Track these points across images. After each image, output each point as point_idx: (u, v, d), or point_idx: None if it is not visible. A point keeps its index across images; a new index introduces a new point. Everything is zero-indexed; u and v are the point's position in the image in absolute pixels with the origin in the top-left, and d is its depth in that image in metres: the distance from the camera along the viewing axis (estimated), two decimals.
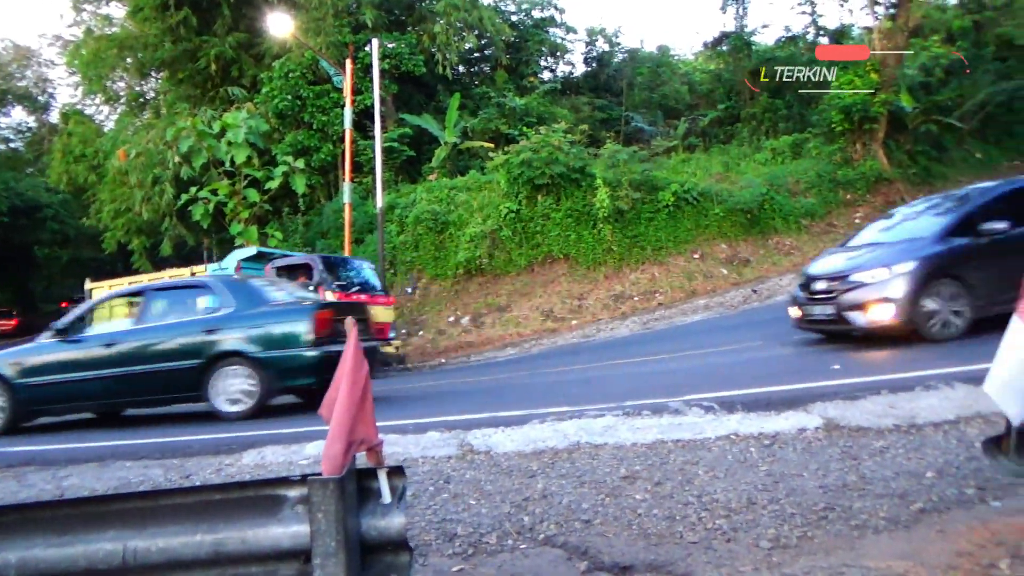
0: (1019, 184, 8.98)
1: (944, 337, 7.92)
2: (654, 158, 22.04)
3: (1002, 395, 2.66)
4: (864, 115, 20.32)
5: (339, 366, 2.47)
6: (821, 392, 6.14)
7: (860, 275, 8.35)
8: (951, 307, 8.04)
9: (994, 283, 7.88)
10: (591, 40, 33.68)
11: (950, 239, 8.33)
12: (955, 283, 8.05)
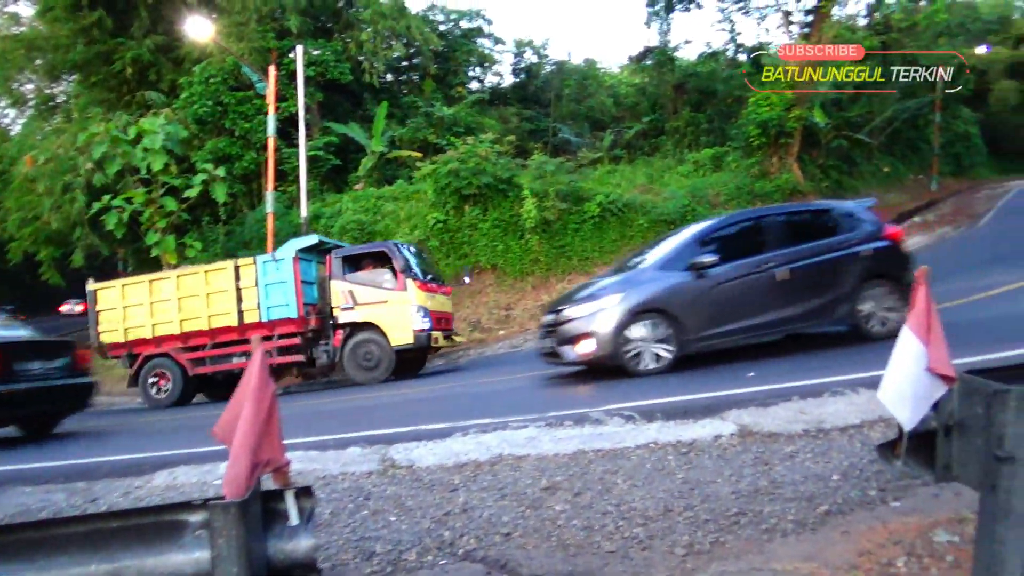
0: (731, 219, 9.30)
1: (648, 372, 8.05)
2: (580, 169, 22.38)
3: (894, 402, 2.80)
4: (780, 130, 21.16)
5: (241, 385, 2.41)
6: (736, 399, 6.33)
7: (571, 309, 8.48)
8: (656, 341, 8.11)
9: (704, 317, 8.13)
10: (519, 52, 34.04)
11: (662, 272, 8.47)
12: (661, 317, 8.10)
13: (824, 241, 8.57)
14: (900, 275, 8.49)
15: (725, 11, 24.27)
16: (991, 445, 2.68)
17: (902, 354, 2.78)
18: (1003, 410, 2.64)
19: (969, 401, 2.80)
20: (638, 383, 8.15)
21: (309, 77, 21.48)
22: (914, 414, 2.74)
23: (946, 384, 2.68)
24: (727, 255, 8.34)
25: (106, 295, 13.24)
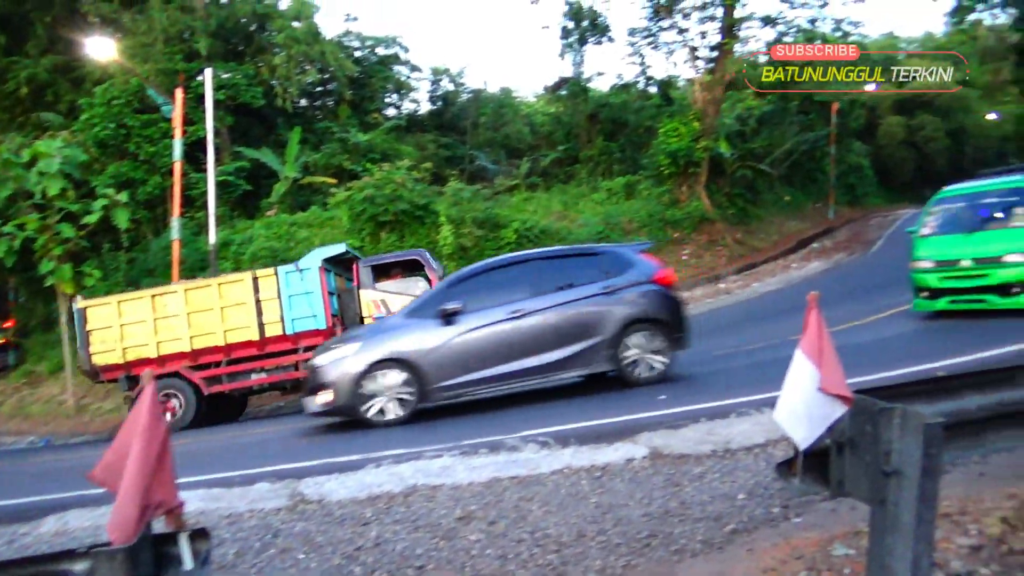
0: (488, 264, 9.16)
1: (385, 422, 7.80)
2: (497, 196, 22.56)
3: (789, 422, 2.91)
4: (688, 160, 21.92)
5: (128, 423, 2.28)
6: (648, 422, 6.45)
7: (318, 357, 8.29)
8: (395, 392, 7.85)
9: (449, 367, 7.92)
10: (436, 79, 34.19)
11: (409, 320, 8.29)
12: (402, 367, 7.85)
13: (586, 285, 8.37)
14: (668, 319, 8.45)
15: (635, 45, 25.03)
16: (879, 461, 2.82)
17: (795, 376, 2.90)
18: (889, 427, 2.79)
19: (859, 419, 2.94)
20: (561, 407, 8.21)
21: (219, 100, 20.91)
22: (809, 434, 2.85)
23: (844, 404, 2.80)
24: (480, 301, 8.15)
25: (98, 313, 12.19)
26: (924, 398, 3.26)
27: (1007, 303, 9.88)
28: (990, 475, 4.65)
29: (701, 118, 22.46)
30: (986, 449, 3.79)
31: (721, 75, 22.62)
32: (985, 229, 10.44)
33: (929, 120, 45.37)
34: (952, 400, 3.35)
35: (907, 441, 2.70)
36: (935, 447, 2.62)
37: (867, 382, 4.94)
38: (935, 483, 2.68)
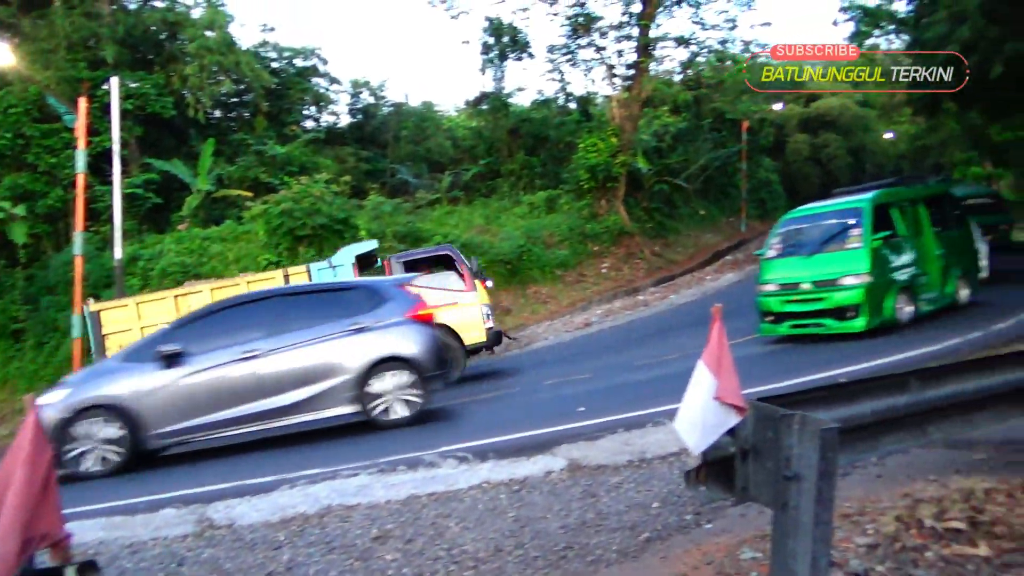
0: (221, 304, 8.80)
1: (98, 474, 7.29)
2: (418, 210, 22.44)
3: (685, 429, 2.99)
4: (607, 175, 22.36)
5: (11, 452, 2.14)
6: (567, 435, 6.52)
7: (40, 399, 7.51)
8: (111, 440, 7.35)
9: (169, 412, 7.48)
10: (356, 92, 33.73)
11: (126, 363, 7.83)
12: (112, 413, 7.36)
13: (331, 323, 7.95)
14: (422, 357, 8.04)
15: (554, 62, 25.39)
16: (780, 466, 2.92)
17: (696, 385, 2.98)
18: (789, 433, 2.89)
19: (761, 427, 3.04)
20: (483, 421, 8.19)
21: (127, 110, 20.07)
22: (702, 440, 2.93)
23: (738, 414, 2.88)
24: (210, 342, 7.71)
25: (113, 316, 11.66)
26: (823, 405, 3.41)
27: (843, 327, 9.96)
28: (887, 476, 4.88)
29: (619, 134, 22.96)
30: (881, 451, 4.00)
31: (638, 92, 23.21)
32: (824, 251, 10.46)
33: (832, 138, 47.72)
34: (849, 406, 3.52)
35: (805, 446, 2.80)
36: (831, 451, 2.73)
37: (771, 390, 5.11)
38: (831, 486, 2.79)
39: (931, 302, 10.94)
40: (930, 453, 5.14)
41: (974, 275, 12.25)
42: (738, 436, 3.09)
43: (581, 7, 23.83)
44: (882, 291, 10.15)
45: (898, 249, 10.65)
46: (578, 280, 20.77)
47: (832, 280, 10.05)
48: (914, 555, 3.52)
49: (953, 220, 12.16)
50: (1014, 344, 8.00)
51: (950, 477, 4.51)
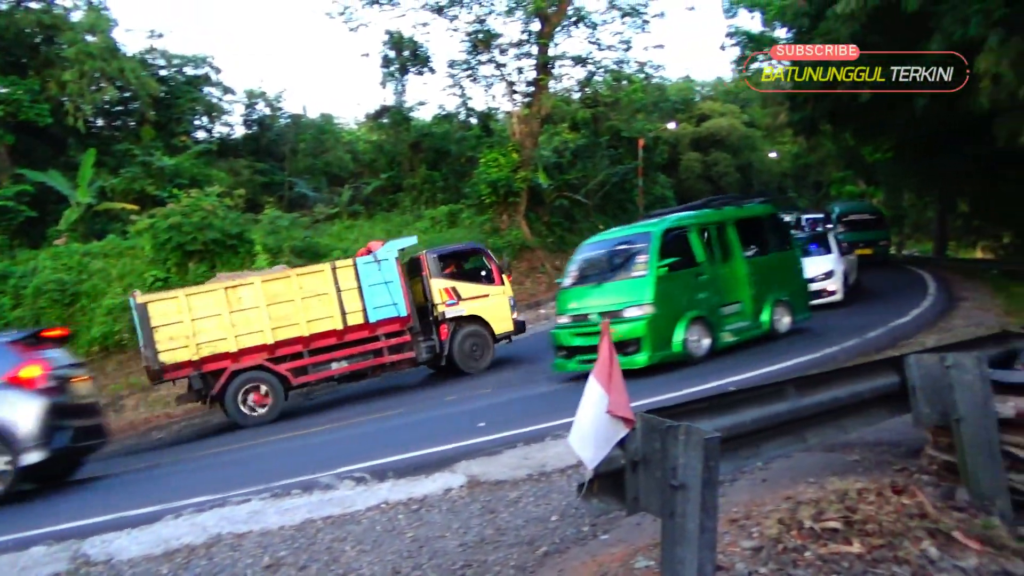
0: None
1: None
2: (317, 224, 21.96)
3: (579, 444, 3.04)
4: (508, 190, 22.60)
5: None
6: (467, 450, 6.49)
7: None
8: None
9: None
10: (251, 102, 32.75)
11: None
12: None
13: None
14: (17, 429, 7.07)
15: (455, 77, 25.52)
16: (667, 476, 3.00)
17: (587, 400, 3.04)
18: (675, 444, 2.98)
19: (649, 438, 3.12)
20: (382, 440, 8.04)
21: None
22: (596, 454, 2.98)
23: (627, 426, 2.95)
24: None
25: (162, 309, 11.34)
26: (707, 415, 3.53)
27: (625, 363, 8.18)
28: (771, 480, 5.11)
29: (520, 149, 23.27)
30: (764, 458, 4.19)
31: (537, 109, 23.60)
32: (612, 280, 9.90)
33: (722, 156, 50.00)
34: (732, 415, 3.66)
35: (690, 456, 2.90)
36: (713, 460, 2.84)
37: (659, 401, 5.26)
38: (715, 494, 2.89)
39: (738, 332, 10.33)
40: (810, 456, 5.42)
41: (799, 301, 11.61)
42: (628, 448, 3.16)
43: (481, 24, 24.09)
44: (669, 323, 9.47)
45: (692, 277, 10.02)
46: None
47: (616, 311, 9.37)
48: (794, 555, 3.69)
49: (776, 243, 11.67)
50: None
51: (828, 479, 4.76)
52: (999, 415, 3.95)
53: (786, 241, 12.08)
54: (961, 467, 4.04)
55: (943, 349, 4.73)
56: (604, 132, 31.69)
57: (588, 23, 24.06)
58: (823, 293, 13.93)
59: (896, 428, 5.16)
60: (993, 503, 3.88)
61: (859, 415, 4.31)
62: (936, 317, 12.16)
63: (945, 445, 4.31)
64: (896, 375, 4.36)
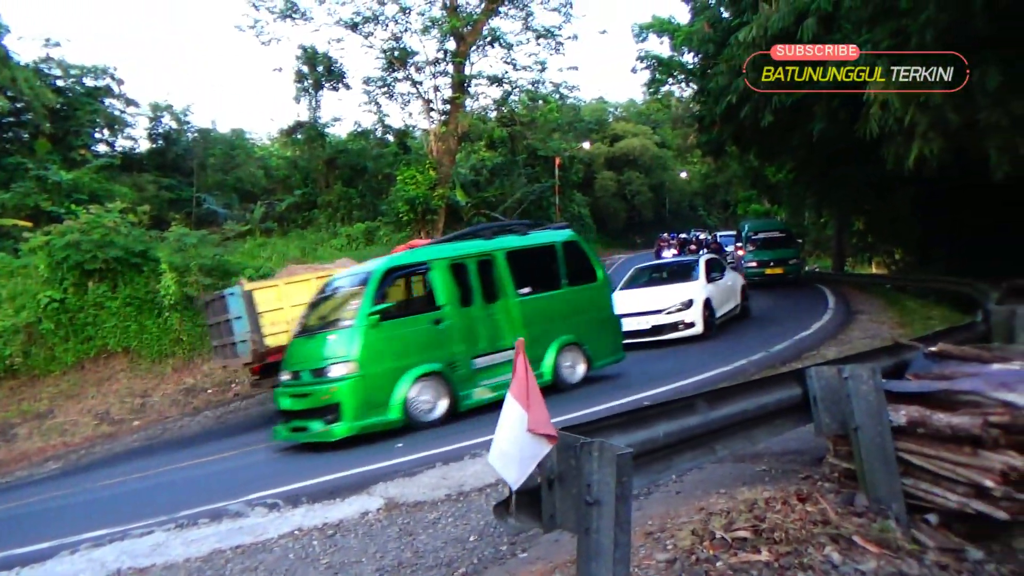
0: None
1: None
2: (227, 242, 21.25)
3: (502, 464, 3.03)
4: (426, 207, 22.56)
5: None
6: (385, 472, 6.37)
7: None
8: None
9: None
10: (157, 116, 31.52)
11: None
12: None
13: None
14: None
15: (371, 94, 25.35)
16: (583, 492, 3.02)
17: (507, 419, 3.03)
18: (589, 460, 3.01)
19: (565, 455, 3.14)
20: (296, 463, 7.80)
21: None
22: (520, 473, 2.98)
23: (549, 442, 2.96)
24: None
25: (265, 296, 11.40)
26: (620, 430, 3.58)
27: (322, 434, 7.85)
28: (685, 492, 5.23)
29: (437, 167, 23.29)
30: (676, 471, 4.28)
31: (454, 127, 23.70)
32: (324, 331, 8.42)
33: (635, 176, 51.44)
34: (646, 430, 3.72)
35: (604, 472, 2.93)
36: (627, 475, 2.88)
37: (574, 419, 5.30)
38: (628, 508, 2.93)
39: (498, 388, 8.64)
40: (722, 467, 5.58)
41: (602, 342, 10.11)
42: (544, 466, 3.17)
43: (397, 41, 24.06)
44: (384, 382, 7.99)
45: (428, 324, 8.50)
46: None
47: (320, 370, 8.03)
48: (707, 566, 3.78)
49: (573, 276, 10.02)
50: None
51: (738, 489, 4.91)
52: (893, 423, 4.17)
53: (587, 273, 10.21)
54: (859, 474, 4.24)
55: (841, 361, 4.96)
56: (521, 151, 32.14)
57: (503, 43, 24.39)
58: (679, 326, 12.67)
59: (801, 437, 5.38)
60: (889, 507, 4.08)
61: (766, 426, 4.46)
62: (836, 330, 12.79)
63: (845, 453, 4.52)
64: (799, 387, 4.54)
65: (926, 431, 4.07)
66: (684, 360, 10.75)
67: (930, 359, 5.43)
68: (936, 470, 4.03)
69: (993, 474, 3.73)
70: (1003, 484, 3.73)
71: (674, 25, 29.29)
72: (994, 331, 7.12)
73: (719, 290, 13.99)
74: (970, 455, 3.86)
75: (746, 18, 14.54)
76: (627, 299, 13.04)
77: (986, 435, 3.75)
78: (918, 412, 4.14)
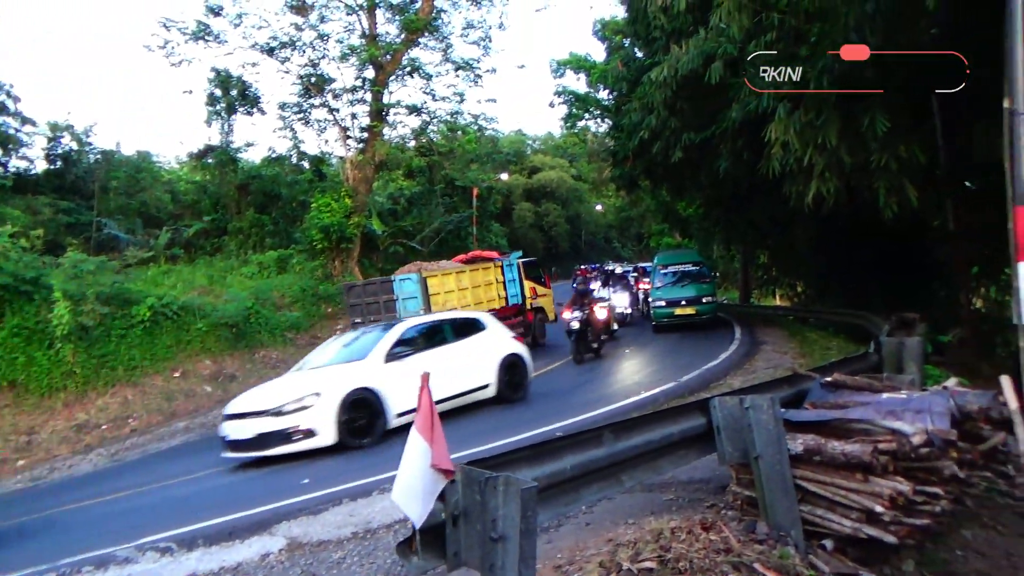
0: None
1: None
2: (129, 269, 20.25)
3: (405, 500, 2.95)
4: (341, 235, 22.18)
5: None
6: (288, 510, 6.13)
7: None
8: None
9: None
10: (55, 135, 29.95)
11: None
12: None
13: None
14: None
15: (287, 120, 24.87)
16: (487, 528, 2.98)
17: (410, 453, 2.96)
18: (494, 495, 2.97)
19: (470, 491, 3.09)
20: (194, 501, 7.41)
21: None
22: (424, 509, 2.91)
23: (446, 477, 2.91)
24: None
25: (433, 282, 15.95)
26: (528, 463, 3.56)
27: None
28: (594, 524, 5.24)
29: (353, 195, 22.99)
30: (584, 502, 4.28)
31: (372, 155, 23.50)
32: None
33: (552, 207, 52.24)
34: (553, 463, 3.72)
35: (509, 507, 2.90)
36: (531, 510, 2.85)
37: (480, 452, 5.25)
38: (533, 543, 2.90)
39: None
40: (631, 498, 5.63)
41: None
42: (448, 501, 3.11)
43: (314, 68, 23.78)
44: None
45: None
46: (311, 343, 20.03)
47: None
48: None
49: None
50: None
51: (646, 519, 4.96)
52: (791, 452, 4.30)
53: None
54: (760, 502, 4.35)
55: (743, 392, 5.11)
56: (439, 180, 32.12)
57: (423, 74, 24.46)
58: (292, 434, 8.52)
59: (707, 466, 5.49)
60: (789, 534, 4.20)
61: (671, 456, 4.53)
62: (742, 360, 13.22)
63: (747, 481, 4.63)
64: (703, 417, 4.65)
65: (822, 459, 4.22)
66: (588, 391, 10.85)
67: (826, 389, 5.68)
68: (831, 496, 4.18)
69: (883, 499, 3.90)
70: (891, 509, 3.90)
71: (590, 63, 30.16)
72: (885, 361, 7.51)
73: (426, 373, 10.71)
74: (862, 481, 4.02)
75: (658, 58, 15.06)
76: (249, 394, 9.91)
77: (875, 462, 3.92)
78: (814, 440, 4.30)
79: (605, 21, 28.88)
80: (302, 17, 23.22)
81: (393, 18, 24.34)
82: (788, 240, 21.04)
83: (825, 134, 10.00)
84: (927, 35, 9.31)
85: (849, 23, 8.87)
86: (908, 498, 3.92)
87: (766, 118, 11.11)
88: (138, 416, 14.69)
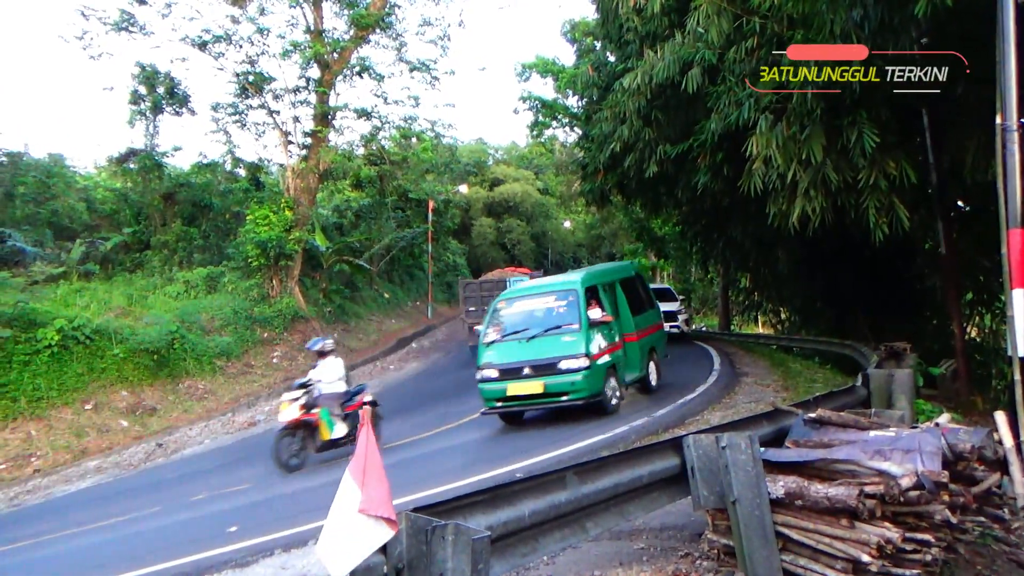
0: None
1: None
2: (35, 287, 19.74)
3: (327, 553, 2.87)
4: (280, 251, 21.93)
5: None
6: (213, 562, 5.99)
7: None
8: None
9: None
10: None
11: None
12: None
13: None
14: None
15: (220, 121, 24.62)
16: None
17: (340, 500, 2.90)
18: (443, 546, 2.92)
19: (415, 540, 3.04)
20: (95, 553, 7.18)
21: None
22: (346, 562, 2.83)
23: (389, 527, 2.85)
24: None
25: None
26: (483, 509, 3.52)
27: None
28: (556, 575, 5.20)
29: (294, 207, 22.82)
30: (544, 552, 4.23)
31: (316, 163, 23.38)
32: None
33: (516, 223, 52.37)
34: (509, 509, 3.68)
35: (459, 559, 2.86)
36: (483, 563, 2.82)
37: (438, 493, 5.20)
38: None
39: None
40: (597, 546, 5.61)
41: None
42: (391, 553, 3.05)
43: (252, 65, 23.64)
44: None
45: None
46: (244, 371, 19.77)
47: None
48: None
49: None
50: None
51: (613, 571, 4.94)
52: (771, 495, 4.33)
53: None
54: (738, 551, 4.36)
55: (719, 429, 5.15)
56: (391, 192, 32.01)
57: (373, 74, 24.50)
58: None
59: (681, 511, 5.51)
60: None
61: (642, 500, 4.53)
62: (721, 393, 13.33)
63: (724, 528, 4.64)
64: (676, 457, 4.66)
65: (804, 503, 4.26)
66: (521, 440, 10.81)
67: (810, 425, 5.74)
68: (815, 544, 4.21)
69: (869, 548, 3.94)
70: (879, 558, 3.94)
71: (558, 67, 30.49)
72: (873, 395, 7.65)
73: None
74: (847, 528, 4.06)
75: (631, 64, 15.28)
76: None
77: (862, 507, 3.96)
78: (796, 483, 4.33)
79: (575, 22, 29.33)
80: (239, 8, 23.15)
81: (341, 12, 24.42)
82: (771, 262, 21.38)
83: (810, 148, 10.22)
84: (917, 45, 9.61)
85: (835, 30, 9.13)
86: (897, 546, 3.97)
87: (747, 131, 11.33)
88: (42, 454, 14.26)
